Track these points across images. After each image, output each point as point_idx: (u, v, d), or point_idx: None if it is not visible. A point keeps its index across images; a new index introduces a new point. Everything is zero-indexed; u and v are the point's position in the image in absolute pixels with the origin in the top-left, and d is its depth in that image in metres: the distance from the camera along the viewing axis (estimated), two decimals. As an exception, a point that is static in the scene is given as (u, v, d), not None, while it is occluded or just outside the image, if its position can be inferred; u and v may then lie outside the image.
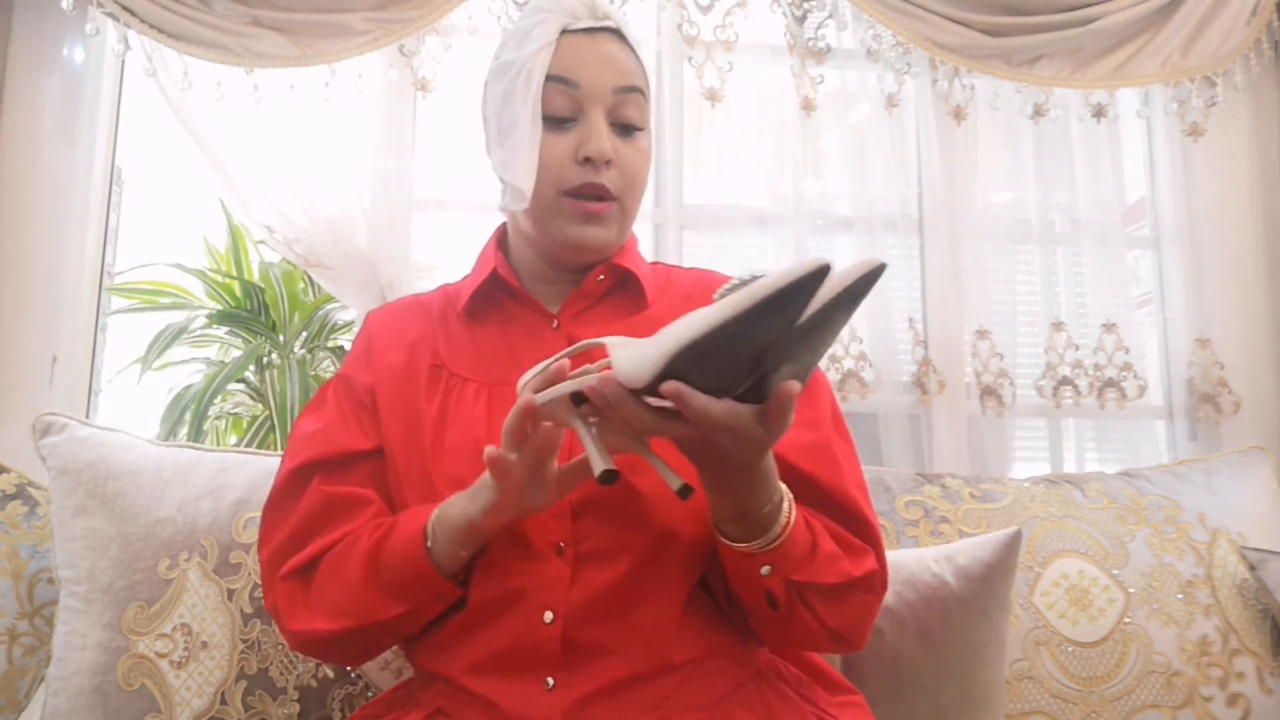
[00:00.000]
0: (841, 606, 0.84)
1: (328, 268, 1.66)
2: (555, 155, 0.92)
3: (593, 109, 0.92)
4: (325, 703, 1.16)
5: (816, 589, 0.82)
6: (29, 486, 1.33)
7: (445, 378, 0.95)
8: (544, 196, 0.93)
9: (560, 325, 0.97)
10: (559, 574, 0.85)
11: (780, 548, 0.79)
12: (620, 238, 0.97)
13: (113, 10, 1.57)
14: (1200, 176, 1.91)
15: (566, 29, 0.93)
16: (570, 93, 0.91)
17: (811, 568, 0.81)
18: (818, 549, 0.82)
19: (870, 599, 0.86)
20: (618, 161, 0.92)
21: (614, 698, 0.84)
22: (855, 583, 0.84)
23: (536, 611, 0.84)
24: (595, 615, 0.84)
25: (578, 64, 0.92)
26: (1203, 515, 1.43)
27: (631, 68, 0.94)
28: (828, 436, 0.90)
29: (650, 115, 0.98)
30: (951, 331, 1.80)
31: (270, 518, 0.95)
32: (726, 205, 1.90)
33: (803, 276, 0.58)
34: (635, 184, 0.95)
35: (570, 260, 0.97)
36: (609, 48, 0.94)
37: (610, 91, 0.92)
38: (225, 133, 1.64)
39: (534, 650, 0.84)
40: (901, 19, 1.74)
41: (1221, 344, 1.86)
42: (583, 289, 0.98)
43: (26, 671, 1.23)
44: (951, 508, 1.40)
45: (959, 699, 1.18)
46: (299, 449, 0.95)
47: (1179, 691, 1.28)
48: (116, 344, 1.92)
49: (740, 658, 0.90)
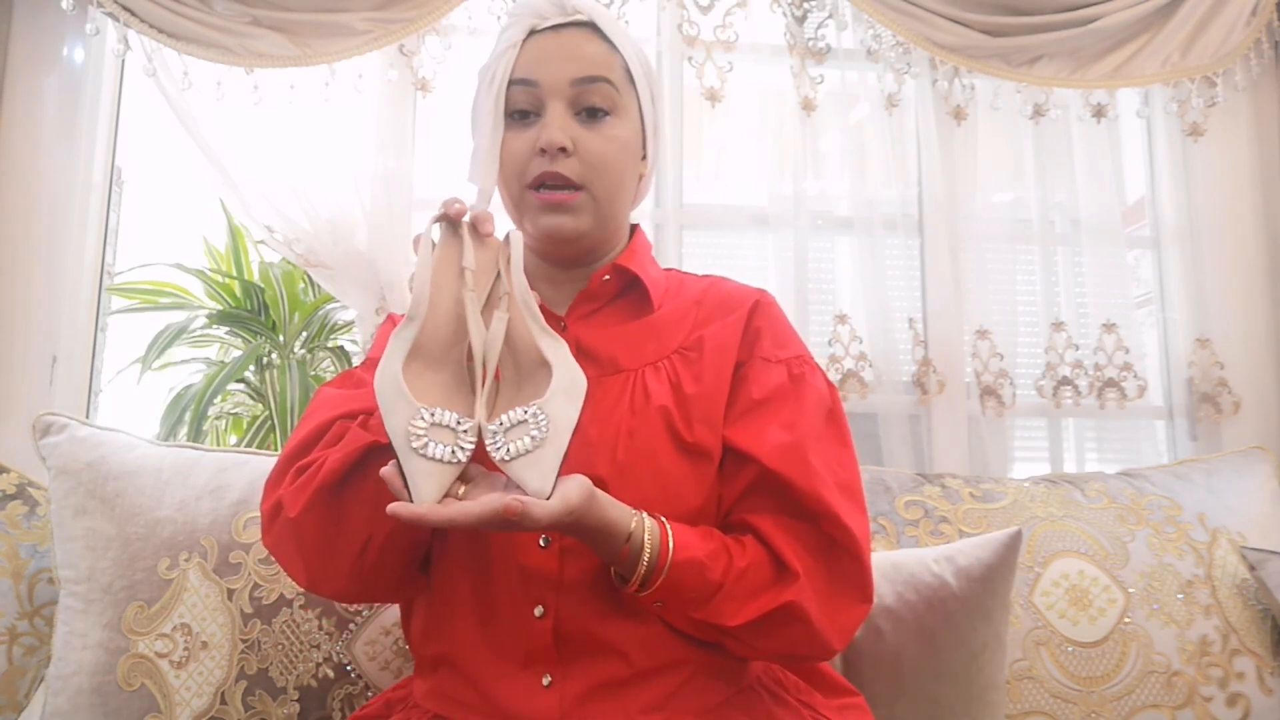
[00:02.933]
0: (767, 638, 0.84)
1: (328, 268, 1.66)
2: (517, 151, 0.92)
3: (552, 102, 0.92)
4: (325, 703, 1.16)
5: (723, 628, 0.83)
6: (29, 486, 1.33)
7: None
8: (513, 193, 0.94)
9: (568, 327, 0.97)
10: (546, 567, 0.85)
11: (659, 588, 0.81)
12: (598, 227, 0.95)
13: (113, 10, 1.57)
14: (1200, 176, 1.90)
15: (535, 29, 0.94)
16: (531, 91, 0.92)
17: (710, 607, 0.82)
18: (723, 587, 0.82)
19: (797, 627, 0.83)
20: (579, 149, 0.91)
21: (613, 697, 0.84)
22: (764, 618, 0.82)
23: (526, 606, 0.85)
24: (587, 610, 0.85)
25: (537, 62, 0.93)
26: (1203, 515, 1.43)
27: (594, 56, 0.93)
28: (803, 438, 0.88)
29: (638, 100, 0.97)
30: (951, 331, 1.80)
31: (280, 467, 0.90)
32: (726, 205, 1.90)
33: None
34: (602, 170, 0.92)
35: (556, 254, 0.97)
36: (573, 41, 0.94)
37: (567, 83, 0.92)
38: (225, 133, 1.64)
39: (527, 644, 0.85)
40: (901, 19, 1.74)
41: (1221, 344, 1.86)
42: (589, 290, 0.98)
43: (26, 671, 1.23)
44: (951, 508, 1.40)
45: (959, 699, 1.18)
46: (322, 406, 0.92)
47: (1179, 691, 1.28)
48: (116, 344, 1.92)
49: (740, 661, 0.90)
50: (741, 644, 0.85)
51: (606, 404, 0.91)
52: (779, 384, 0.93)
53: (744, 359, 0.95)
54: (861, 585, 0.86)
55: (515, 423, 0.75)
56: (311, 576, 0.88)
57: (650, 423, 0.89)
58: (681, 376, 0.93)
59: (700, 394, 0.91)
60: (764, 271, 1.83)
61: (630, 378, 0.93)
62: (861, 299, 1.79)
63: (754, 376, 0.93)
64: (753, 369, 0.94)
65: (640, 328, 0.96)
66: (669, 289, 1.01)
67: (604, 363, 0.94)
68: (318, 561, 0.86)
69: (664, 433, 0.89)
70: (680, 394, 0.91)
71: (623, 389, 0.92)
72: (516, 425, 0.75)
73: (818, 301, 1.82)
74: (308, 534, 0.85)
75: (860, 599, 0.86)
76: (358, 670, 1.18)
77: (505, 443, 0.75)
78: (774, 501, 0.86)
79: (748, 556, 0.84)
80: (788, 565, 0.84)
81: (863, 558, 0.86)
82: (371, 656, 1.18)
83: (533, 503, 0.72)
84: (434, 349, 0.80)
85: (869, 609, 0.87)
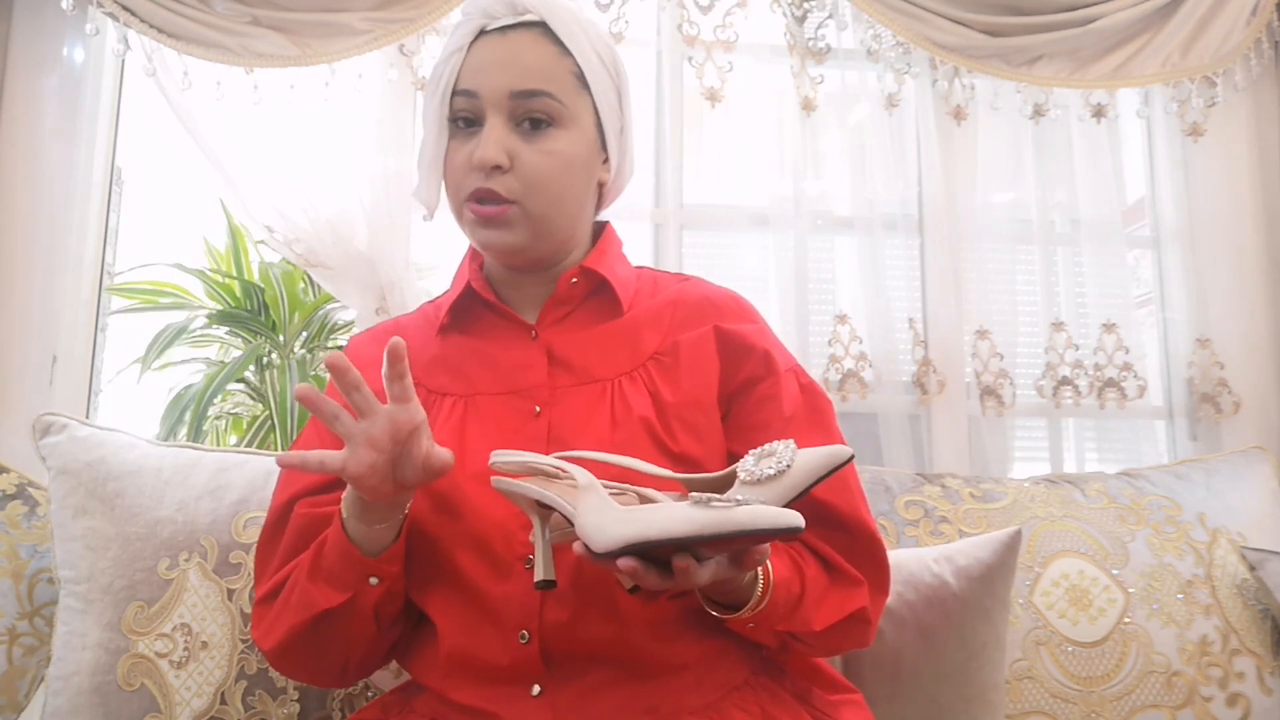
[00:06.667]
0: (830, 639, 0.88)
1: (328, 268, 1.66)
2: (456, 164, 0.92)
3: (491, 114, 0.90)
4: (325, 703, 1.16)
5: (803, 636, 0.87)
6: (29, 486, 1.33)
7: (423, 395, 0.95)
8: (455, 205, 0.95)
9: (539, 335, 0.96)
10: (527, 592, 0.84)
11: (762, 612, 0.81)
12: (536, 240, 0.93)
13: (113, 10, 1.57)
14: (1200, 176, 1.90)
15: (484, 30, 0.92)
16: (473, 101, 0.91)
17: (796, 617, 0.84)
18: (804, 598, 0.85)
19: (861, 628, 0.90)
20: (516, 164, 0.89)
21: (607, 700, 0.84)
22: (842, 622, 0.87)
23: (511, 633, 0.84)
24: (574, 631, 0.84)
25: (479, 70, 0.91)
26: (1203, 515, 1.43)
27: (536, 65, 0.90)
28: None
29: (593, 103, 0.94)
30: (951, 331, 1.80)
31: (262, 553, 0.95)
32: (726, 205, 1.90)
33: (778, 530, 0.66)
34: (536, 186, 0.90)
35: (508, 265, 0.97)
36: (519, 47, 0.91)
37: (506, 96, 0.90)
38: (225, 133, 1.64)
39: (513, 665, 0.84)
40: (901, 19, 1.74)
41: (1221, 344, 1.86)
42: (557, 295, 0.97)
43: (26, 671, 1.23)
44: (951, 508, 1.40)
45: (958, 699, 1.18)
46: (284, 484, 0.97)
47: (1179, 691, 1.28)
48: (116, 344, 1.92)
49: (737, 658, 0.90)
50: (810, 647, 0.89)
51: (585, 413, 0.90)
52: (795, 396, 0.95)
53: (754, 373, 0.95)
54: (888, 584, 0.94)
55: (766, 454, 0.76)
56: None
57: (635, 435, 0.88)
58: (659, 384, 0.92)
59: (680, 401, 0.91)
60: (764, 271, 1.83)
61: (607, 388, 0.92)
62: (861, 299, 1.79)
63: (781, 393, 0.94)
64: (775, 385, 0.94)
65: (612, 332, 0.96)
66: (640, 290, 1.00)
67: (578, 371, 0.93)
68: (307, 680, 1.01)
69: (649, 444, 0.88)
70: (660, 402, 0.91)
71: (599, 399, 0.91)
72: (767, 455, 0.76)
73: (818, 301, 1.82)
74: (287, 668, 0.94)
75: (887, 595, 0.94)
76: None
77: (757, 468, 0.75)
78: (814, 515, 0.86)
79: (810, 563, 0.89)
80: (846, 572, 0.90)
81: (887, 568, 0.93)
82: (371, 656, 1.18)
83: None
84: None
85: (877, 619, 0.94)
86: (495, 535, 0.86)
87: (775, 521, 0.66)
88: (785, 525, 0.66)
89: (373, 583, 0.85)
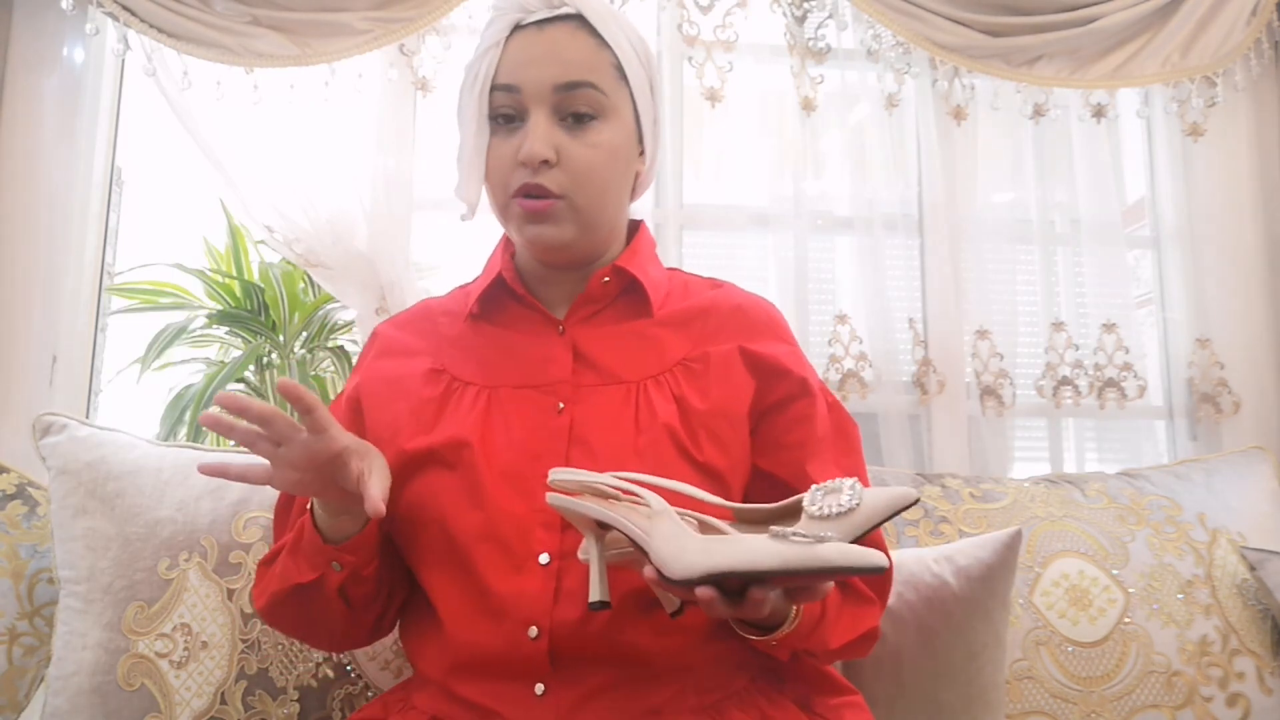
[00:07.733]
0: (839, 654, 0.91)
1: (328, 268, 1.66)
2: (501, 159, 0.91)
3: (534, 109, 0.90)
4: (325, 703, 1.16)
5: (821, 653, 0.90)
6: (29, 486, 1.33)
7: (447, 381, 0.95)
8: (499, 201, 0.93)
9: (566, 330, 0.96)
10: (541, 588, 0.84)
11: (788, 633, 0.82)
12: (583, 234, 0.93)
13: (113, 10, 1.57)
14: (1200, 176, 1.90)
15: (520, 24, 0.91)
16: (514, 96, 0.90)
17: (815, 637, 0.85)
18: (824, 618, 0.86)
19: (869, 644, 0.93)
20: (563, 159, 0.89)
21: (609, 701, 0.83)
22: (856, 640, 0.90)
23: (520, 627, 0.84)
24: (584, 631, 0.84)
25: (519, 65, 0.90)
26: (1203, 515, 1.43)
27: (579, 58, 0.90)
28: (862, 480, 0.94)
29: (631, 95, 0.94)
30: (951, 331, 1.80)
31: (278, 518, 1.00)
32: (726, 205, 1.90)
33: (864, 568, 0.66)
34: (584, 180, 0.90)
35: (549, 261, 0.97)
36: (558, 40, 0.91)
37: (550, 89, 0.89)
38: (225, 133, 1.64)
39: (519, 661, 0.84)
40: (901, 19, 1.74)
41: (1221, 344, 1.86)
42: (588, 292, 0.97)
43: (26, 671, 1.23)
44: (951, 508, 1.40)
45: (959, 699, 1.18)
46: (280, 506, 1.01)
47: (1179, 691, 1.28)
48: (116, 344, 1.92)
49: (738, 661, 0.90)
50: (818, 659, 0.92)
51: (609, 415, 0.90)
52: (825, 418, 0.96)
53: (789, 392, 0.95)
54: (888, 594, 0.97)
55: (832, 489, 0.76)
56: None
57: (658, 441, 0.88)
58: (686, 391, 0.91)
59: (708, 410, 0.90)
60: (764, 271, 1.83)
61: (632, 390, 0.91)
62: (861, 299, 1.79)
63: (815, 414, 0.95)
64: (810, 406, 0.96)
65: (640, 334, 0.95)
66: (671, 292, 1.00)
67: (603, 370, 0.93)
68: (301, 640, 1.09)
69: (673, 451, 0.88)
70: (685, 409, 0.90)
71: (624, 401, 0.91)
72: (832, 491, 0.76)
73: (818, 301, 1.82)
74: (277, 627, 1.01)
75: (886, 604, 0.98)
76: (358, 670, 1.18)
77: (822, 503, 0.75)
78: None
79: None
80: (860, 591, 0.92)
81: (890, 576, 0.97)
82: (371, 656, 1.18)
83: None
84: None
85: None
86: (512, 530, 0.86)
87: (863, 560, 0.65)
88: (871, 564, 0.65)
89: (335, 568, 0.87)
